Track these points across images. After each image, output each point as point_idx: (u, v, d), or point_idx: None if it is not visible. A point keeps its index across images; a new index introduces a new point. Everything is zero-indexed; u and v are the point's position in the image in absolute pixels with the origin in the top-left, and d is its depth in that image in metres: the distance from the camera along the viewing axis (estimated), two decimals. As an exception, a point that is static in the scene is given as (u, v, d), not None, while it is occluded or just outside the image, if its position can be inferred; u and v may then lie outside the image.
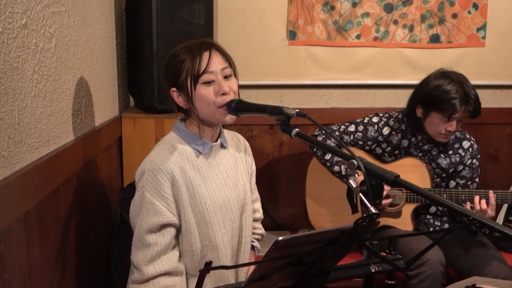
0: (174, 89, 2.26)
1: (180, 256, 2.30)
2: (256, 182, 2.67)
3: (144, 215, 2.19)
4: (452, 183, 3.47)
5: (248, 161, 2.57)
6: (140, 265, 2.20)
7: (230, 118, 2.24)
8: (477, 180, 3.49)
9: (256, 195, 2.69)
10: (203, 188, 2.27)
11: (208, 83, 2.20)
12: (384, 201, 3.37)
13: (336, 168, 3.47)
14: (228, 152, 2.44)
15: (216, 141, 2.38)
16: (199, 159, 2.31)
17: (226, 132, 2.49)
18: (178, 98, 2.27)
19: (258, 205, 2.70)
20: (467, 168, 3.44)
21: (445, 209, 3.47)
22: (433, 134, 3.31)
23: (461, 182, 3.45)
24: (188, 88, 2.21)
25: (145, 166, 2.22)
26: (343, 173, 3.43)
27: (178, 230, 2.28)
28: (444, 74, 3.27)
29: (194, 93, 2.20)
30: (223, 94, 2.20)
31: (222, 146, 2.41)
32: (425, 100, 3.26)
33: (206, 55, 2.21)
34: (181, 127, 2.33)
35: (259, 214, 2.70)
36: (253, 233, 2.61)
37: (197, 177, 2.28)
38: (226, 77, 2.24)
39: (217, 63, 2.22)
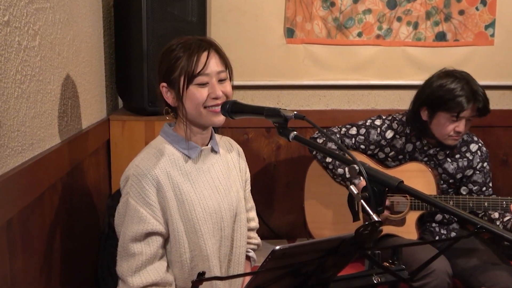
0: (164, 84, 2.27)
1: (168, 267, 2.29)
2: (252, 188, 2.67)
3: (128, 223, 2.19)
4: (465, 190, 3.47)
5: (242, 168, 2.57)
6: (125, 276, 2.19)
7: (220, 119, 2.25)
8: (490, 185, 3.48)
9: (251, 203, 2.68)
10: (192, 195, 2.27)
11: (202, 84, 2.21)
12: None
13: (340, 170, 3.47)
14: (220, 157, 2.44)
15: (206, 145, 2.38)
16: (188, 164, 2.31)
17: (218, 136, 2.49)
18: (166, 94, 2.28)
19: (253, 214, 2.69)
20: (477, 172, 3.44)
21: (452, 216, 3.47)
22: (441, 136, 3.31)
23: (474, 188, 3.45)
24: (180, 86, 2.21)
25: (130, 172, 2.22)
26: (348, 175, 3.43)
27: (167, 239, 2.28)
28: (447, 73, 3.28)
29: (186, 92, 2.21)
30: (214, 98, 2.21)
31: (213, 150, 2.41)
32: (430, 101, 3.26)
33: (204, 55, 2.23)
34: (169, 131, 2.34)
35: (255, 223, 2.70)
36: (249, 243, 2.61)
37: (186, 183, 2.28)
38: (220, 81, 2.25)
39: (214, 65, 2.24)
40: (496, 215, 3.34)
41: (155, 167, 2.22)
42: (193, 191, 2.28)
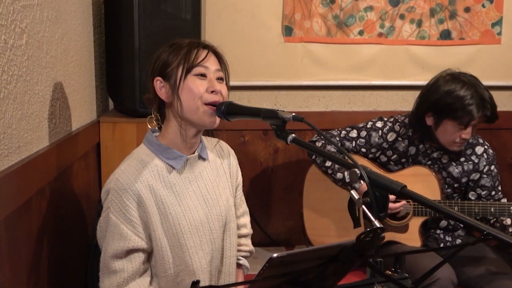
0: (159, 78, 2.26)
1: (152, 281, 2.29)
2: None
3: (109, 239, 2.19)
4: (473, 195, 3.47)
5: (233, 173, 2.56)
6: None
7: (216, 121, 2.24)
8: (499, 188, 3.48)
9: (244, 208, 2.67)
10: (176, 208, 2.26)
11: (201, 75, 2.22)
12: (396, 205, 3.35)
13: (339, 175, 3.47)
14: (209, 164, 2.43)
15: (193, 153, 2.37)
16: (172, 174, 2.30)
17: (208, 140, 2.49)
18: (160, 89, 2.27)
19: (245, 219, 2.68)
20: (485, 176, 3.44)
21: (457, 223, 3.47)
22: (446, 143, 3.31)
23: (483, 193, 3.45)
24: (177, 76, 2.21)
25: (110, 185, 2.22)
26: (347, 180, 3.43)
27: (151, 253, 2.28)
28: (454, 77, 3.26)
29: (183, 83, 2.21)
30: (213, 92, 2.21)
31: (201, 158, 2.41)
32: (437, 108, 3.24)
33: (204, 50, 2.26)
34: (152, 139, 2.32)
35: (247, 230, 2.69)
36: (240, 250, 2.61)
37: (170, 195, 2.27)
38: (218, 79, 2.26)
39: (213, 62, 2.26)
40: (509, 221, 3.35)
41: (136, 181, 2.21)
42: (177, 204, 2.27)
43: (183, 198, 2.29)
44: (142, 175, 2.23)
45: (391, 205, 3.32)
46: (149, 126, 2.36)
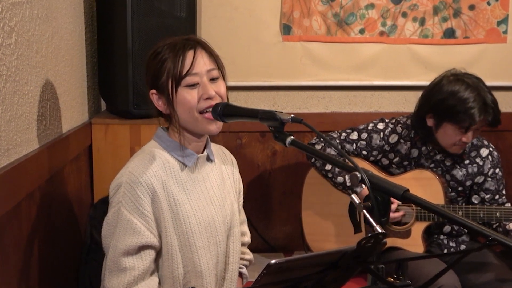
0: (154, 91, 2.27)
1: (159, 283, 2.29)
2: (246, 197, 2.67)
3: (120, 235, 2.18)
4: (477, 199, 3.47)
5: (236, 178, 2.58)
6: None
7: (216, 127, 2.24)
8: (504, 192, 3.48)
9: (243, 217, 2.68)
10: (187, 206, 2.27)
11: (192, 86, 2.20)
12: (395, 215, 3.36)
13: (340, 179, 3.46)
14: (215, 166, 2.44)
15: (202, 153, 2.38)
16: (184, 172, 2.31)
17: (211, 145, 2.49)
18: (158, 101, 2.28)
19: (245, 228, 2.69)
20: (489, 179, 3.44)
21: (461, 228, 3.47)
22: (446, 145, 3.31)
23: (487, 196, 3.45)
24: (169, 90, 2.21)
25: (122, 179, 2.21)
26: (348, 184, 3.42)
27: (158, 253, 2.27)
28: (458, 78, 3.25)
29: (175, 97, 2.21)
30: (207, 98, 2.21)
31: (209, 159, 2.41)
32: (438, 109, 3.24)
33: (190, 54, 2.22)
34: (163, 135, 2.33)
35: (247, 238, 2.70)
36: (241, 259, 2.61)
37: (181, 193, 2.27)
38: (212, 80, 2.25)
39: (202, 63, 2.23)
40: None
41: (150, 174, 2.21)
42: (188, 202, 2.28)
43: (193, 197, 2.30)
44: (156, 170, 2.24)
45: (390, 214, 3.31)
46: (160, 125, 2.37)
